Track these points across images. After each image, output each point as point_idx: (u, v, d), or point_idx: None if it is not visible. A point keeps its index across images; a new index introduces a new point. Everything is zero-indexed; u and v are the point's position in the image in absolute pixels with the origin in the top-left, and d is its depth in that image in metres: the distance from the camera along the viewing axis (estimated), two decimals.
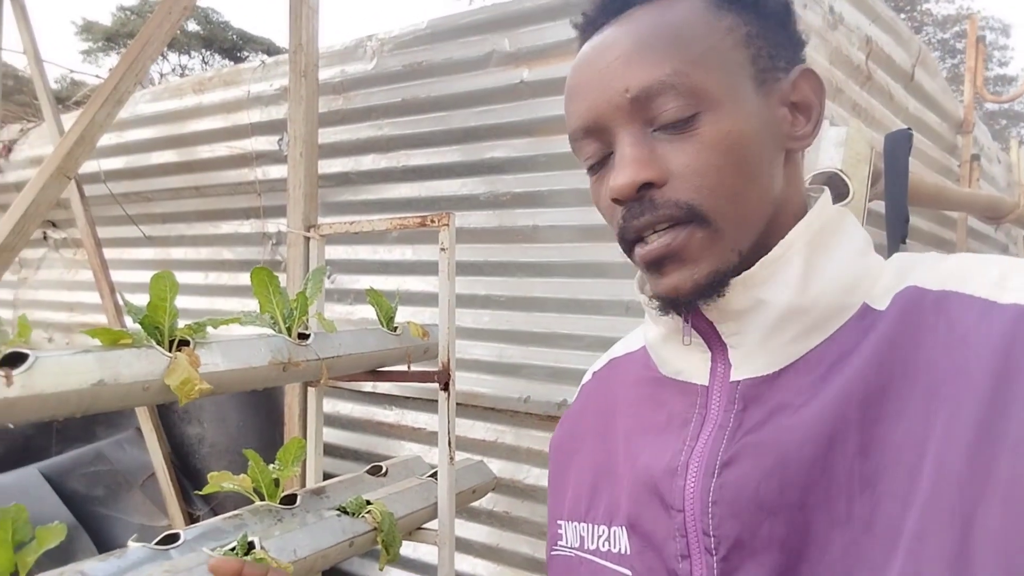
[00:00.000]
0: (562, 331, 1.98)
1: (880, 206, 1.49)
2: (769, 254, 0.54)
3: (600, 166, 0.58)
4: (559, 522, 0.68)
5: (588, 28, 0.60)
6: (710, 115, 0.53)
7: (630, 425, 0.63)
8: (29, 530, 1.06)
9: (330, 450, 2.40)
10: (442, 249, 1.61)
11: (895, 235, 1.34)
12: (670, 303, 0.56)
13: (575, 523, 0.66)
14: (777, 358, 0.55)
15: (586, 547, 0.63)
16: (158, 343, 1.19)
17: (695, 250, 0.53)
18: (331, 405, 2.44)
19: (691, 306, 0.56)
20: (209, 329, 1.28)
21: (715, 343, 0.57)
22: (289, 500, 1.45)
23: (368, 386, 2.35)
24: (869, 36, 2.04)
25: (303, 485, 1.81)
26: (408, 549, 2.15)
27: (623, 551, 0.59)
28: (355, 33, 2.43)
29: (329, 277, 2.49)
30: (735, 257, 0.54)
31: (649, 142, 0.54)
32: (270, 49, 17.34)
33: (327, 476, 1.79)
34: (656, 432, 0.59)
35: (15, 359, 1.00)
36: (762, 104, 0.55)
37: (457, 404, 1.85)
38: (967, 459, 0.45)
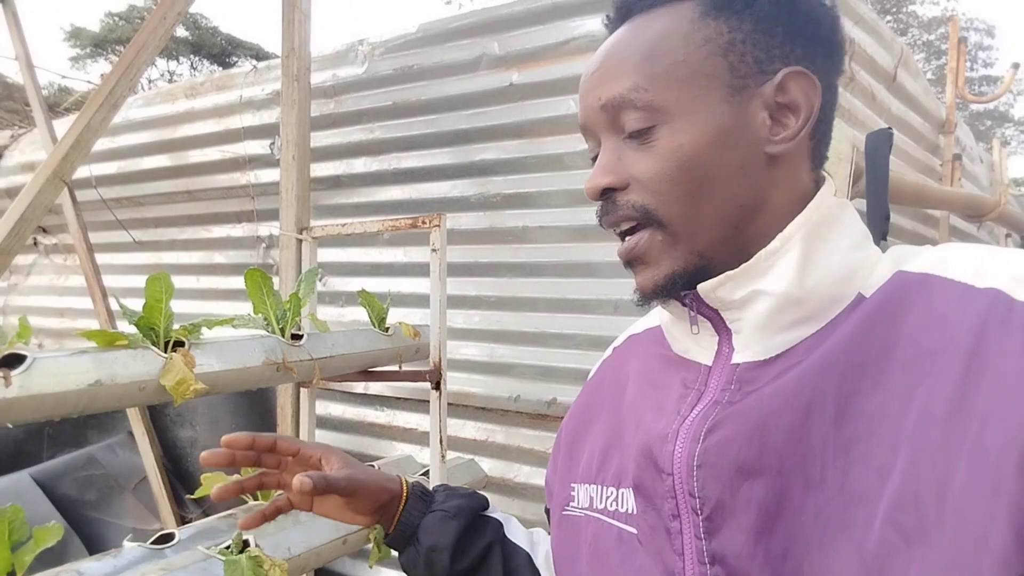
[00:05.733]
0: (552, 330, 2.00)
1: (862, 204, 1.52)
2: (767, 247, 0.57)
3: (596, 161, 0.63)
4: (572, 485, 0.71)
5: (608, 31, 0.64)
6: (666, 128, 0.57)
7: (638, 396, 0.67)
8: (26, 530, 1.08)
9: None
10: (433, 250, 1.63)
11: (875, 233, 1.37)
12: (643, 299, 0.62)
13: (587, 485, 0.69)
14: (773, 345, 0.58)
15: (595, 507, 0.67)
16: (154, 344, 1.20)
17: (655, 253, 0.59)
18: (323, 407, 2.45)
19: (666, 300, 0.61)
20: (204, 331, 1.29)
21: (721, 328, 0.61)
22: None
23: (360, 387, 2.37)
24: (852, 38, 2.07)
25: None
26: None
27: (630, 511, 0.63)
28: (346, 37, 2.45)
29: (320, 279, 2.51)
30: (695, 259, 0.58)
31: (619, 148, 0.59)
32: (259, 54, 17.28)
33: None
34: (659, 404, 0.63)
35: (13, 360, 1.01)
36: (734, 112, 0.57)
37: (448, 404, 1.86)
38: (943, 431, 0.48)
